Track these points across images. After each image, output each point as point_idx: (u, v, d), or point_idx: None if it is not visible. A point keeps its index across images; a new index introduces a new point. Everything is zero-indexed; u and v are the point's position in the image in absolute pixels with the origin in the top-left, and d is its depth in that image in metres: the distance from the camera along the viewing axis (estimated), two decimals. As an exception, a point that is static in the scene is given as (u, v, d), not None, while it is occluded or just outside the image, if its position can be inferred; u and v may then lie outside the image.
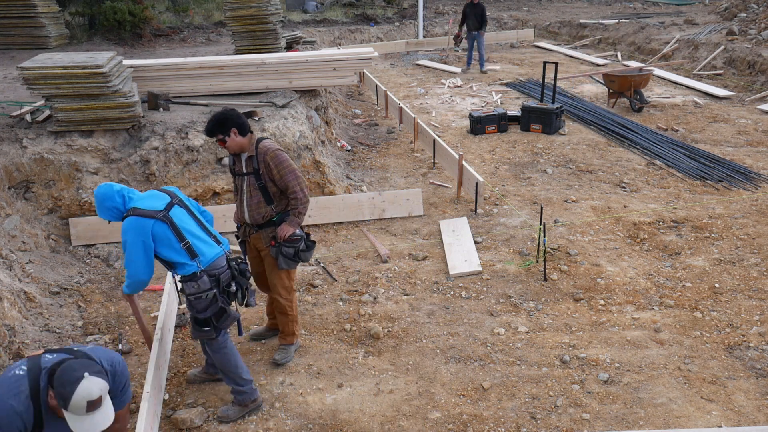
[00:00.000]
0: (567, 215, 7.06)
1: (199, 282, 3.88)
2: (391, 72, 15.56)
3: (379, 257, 6.29)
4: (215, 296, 3.93)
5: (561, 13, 22.79)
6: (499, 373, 4.57)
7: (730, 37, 14.60)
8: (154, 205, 3.85)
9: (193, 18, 16.77)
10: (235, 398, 4.17)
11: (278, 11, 9.92)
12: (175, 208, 3.92)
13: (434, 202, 7.57)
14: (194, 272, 3.87)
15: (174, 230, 3.83)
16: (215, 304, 3.95)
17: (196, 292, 3.89)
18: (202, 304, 3.92)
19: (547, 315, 5.28)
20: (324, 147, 8.25)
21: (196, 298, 3.90)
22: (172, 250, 3.84)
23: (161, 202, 3.89)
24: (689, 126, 10.12)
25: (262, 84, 8.03)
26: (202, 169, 6.84)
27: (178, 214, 3.92)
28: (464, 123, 10.62)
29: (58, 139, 6.52)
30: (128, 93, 6.56)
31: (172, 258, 3.87)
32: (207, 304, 3.92)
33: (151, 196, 3.94)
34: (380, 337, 5.01)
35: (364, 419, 4.15)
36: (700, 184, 7.83)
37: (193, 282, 3.88)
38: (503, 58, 16.52)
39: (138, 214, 3.78)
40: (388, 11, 21.74)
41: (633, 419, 4.08)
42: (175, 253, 3.85)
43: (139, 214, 3.78)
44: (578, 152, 9.05)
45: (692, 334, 4.95)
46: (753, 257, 6.06)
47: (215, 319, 3.97)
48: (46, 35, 12.00)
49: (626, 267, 5.97)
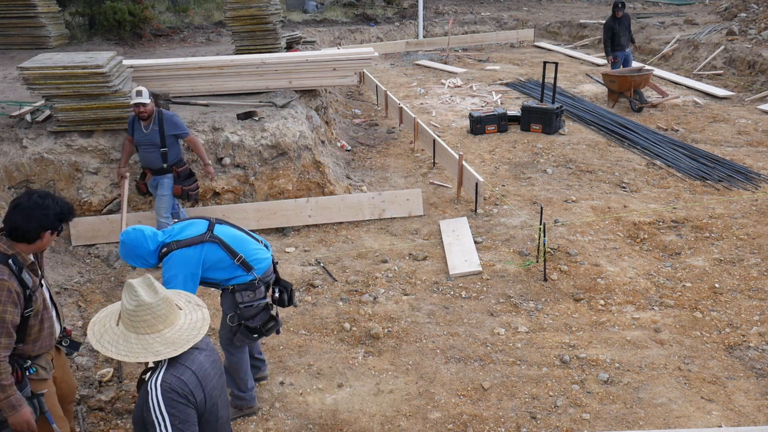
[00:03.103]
0: (567, 215, 7.06)
1: (257, 291, 3.84)
2: (391, 72, 15.55)
3: (379, 256, 6.29)
4: (267, 305, 3.91)
5: (561, 13, 22.78)
6: (499, 373, 4.57)
7: (730, 37, 14.59)
8: (196, 231, 3.71)
9: (193, 18, 16.76)
10: (233, 401, 4.18)
11: (278, 11, 9.91)
12: (218, 226, 3.81)
13: (434, 202, 7.57)
14: (252, 281, 3.81)
15: (225, 248, 3.72)
16: (265, 312, 3.92)
17: (251, 300, 3.83)
18: (251, 311, 3.87)
19: (547, 315, 5.28)
20: (324, 147, 8.25)
21: (247, 306, 3.85)
22: (226, 270, 3.76)
23: (201, 227, 3.76)
24: (689, 126, 10.11)
25: (262, 84, 8.03)
26: (202, 169, 6.83)
27: (223, 230, 3.81)
28: (464, 123, 10.62)
29: (58, 139, 6.52)
30: (128, 93, 6.55)
31: (225, 277, 3.80)
32: (257, 312, 3.89)
33: (188, 225, 3.79)
34: (380, 337, 5.01)
35: (364, 419, 4.15)
36: (700, 184, 7.83)
37: (250, 291, 3.82)
38: (503, 58, 16.51)
39: (183, 246, 3.62)
40: (388, 11, 21.73)
41: (633, 419, 4.08)
42: (229, 271, 3.78)
43: (183, 245, 3.62)
44: (578, 152, 9.05)
45: (692, 334, 4.95)
46: (753, 257, 6.06)
47: (263, 327, 3.95)
48: (46, 35, 11.99)
49: (626, 267, 5.97)
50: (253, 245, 3.89)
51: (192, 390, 2.30)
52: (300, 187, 7.23)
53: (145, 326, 2.30)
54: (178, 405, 2.26)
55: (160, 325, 2.32)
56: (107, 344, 2.31)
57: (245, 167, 6.98)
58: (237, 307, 3.87)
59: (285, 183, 7.14)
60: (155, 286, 2.34)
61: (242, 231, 3.96)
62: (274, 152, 7.08)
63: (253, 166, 6.99)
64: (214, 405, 2.41)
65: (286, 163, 7.12)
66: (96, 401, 4.28)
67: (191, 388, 2.30)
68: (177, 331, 2.35)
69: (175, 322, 2.36)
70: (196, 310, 2.48)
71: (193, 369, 2.35)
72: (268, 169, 7.06)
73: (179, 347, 2.31)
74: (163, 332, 2.32)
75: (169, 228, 3.79)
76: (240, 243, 3.82)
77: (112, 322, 2.37)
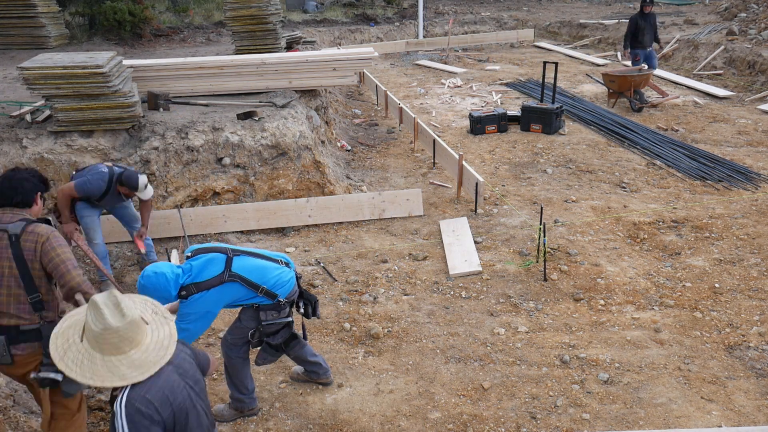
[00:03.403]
0: (567, 215, 7.06)
1: (281, 312, 3.81)
2: (391, 72, 15.55)
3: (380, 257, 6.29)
4: (290, 323, 3.88)
5: (561, 13, 22.78)
6: (499, 373, 4.57)
7: (730, 37, 14.59)
8: (215, 271, 3.60)
9: (193, 18, 16.77)
10: (233, 403, 4.18)
11: (278, 11, 9.91)
12: (235, 260, 3.68)
13: (434, 202, 7.57)
14: (278, 302, 3.78)
15: (245, 283, 3.64)
16: (287, 330, 3.90)
17: (273, 320, 3.81)
18: (273, 328, 3.85)
19: (547, 315, 5.28)
20: (324, 147, 8.25)
21: (270, 324, 3.82)
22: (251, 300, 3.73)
23: (219, 265, 3.63)
24: (689, 126, 10.11)
25: (262, 84, 8.03)
26: (202, 169, 6.84)
27: (241, 263, 3.68)
28: (464, 123, 10.62)
29: (58, 139, 6.52)
30: (128, 93, 6.56)
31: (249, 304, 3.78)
32: (278, 328, 3.87)
33: (207, 264, 3.63)
34: (380, 337, 5.01)
35: (364, 419, 4.15)
36: (700, 184, 7.83)
37: (274, 311, 3.79)
38: (503, 58, 16.51)
39: (203, 289, 3.55)
40: (388, 11, 21.73)
41: (633, 419, 4.08)
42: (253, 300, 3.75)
43: (203, 288, 3.54)
44: (578, 152, 9.05)
45: (692, 334, 4.95)
46: (753, 257, 6.06)
47: (285, 345, 3.93)
48: (46, 35, 12.00)
49: (626, 267, 5.97)
50: (273, 271, 3.77)
51: (158, 408, 2.25)
52: (300, 187, 7.23)
53: (111, 348, 2.24)
54: (140, 427, 2.21)
55: (127, 347, 2.26)
56: (71, 363, 2.24)
57: (245, 167, 6.98)
58: (260, 324, 3.83)
59: (285, 183, 7.14)
60: (121, 307, 2.25)
61: (260, 257, 3.82)
62: (274, 152, 7.08)
63: (253, 166, 6.99)
64: (187, 414, 2.35)
65: (286, 163, 7.12)
66: (96, 401, 4.28)
67: (156, 406, 2.25)
68: (144, 352, 2.29)
69: (142, 341, 2.30)
70: (163, 324, 2.41)
71: (159, 384, 2.29)
72: (268, 169, 7.06)
73: (146, 371, 2.26)
74: (129, 354, 2.26)
75: (187, 266, 3.65)
76: (260, 273, 3.71)
77: (76, 336, 2.29)
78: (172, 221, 6.55)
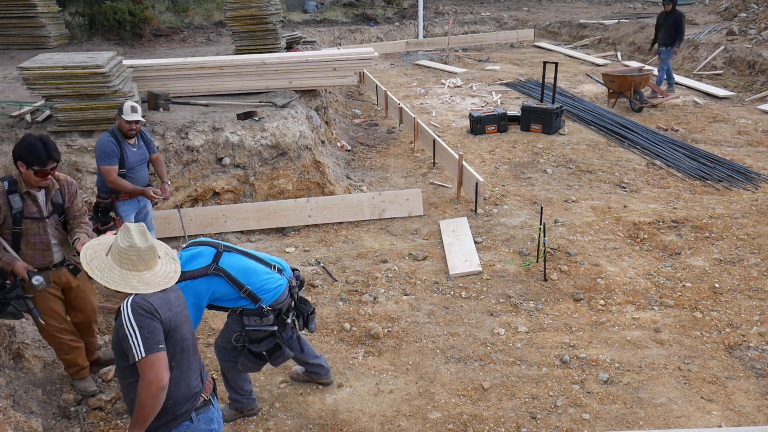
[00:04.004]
0: (567, 215, 7.06)
1: (264, 319, 3.75)
2: (391, 72, 15.55)
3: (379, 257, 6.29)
4: (274, 333, 3.80)
5: (561, 13, 22.78)
6: (499, 373, 4.57)
7: (730, 37, 14.60)
8: (202, 263, 3.63)
9: (193, 18, 16.77)
10: (232, 404, 4.18)
11: (278, 11, 9.92)
12: (224, 256, 3.69)
13: (434, 202, 7.57)
14: (260, 308, 3.73)
15: (230, 280, 3.63)
16: (271, 339, 3.82)
17: (257, 325, 3.75)
18: (257, 335, 3.79)
19: (547, 315, 5.28)
20: (324, 147, 8.25)
21: (254, 330, 3.77)
22: (233, 301, 3.71)
23: (207, 257, 3.66)
24: (689, 126, 10.12)
25: (262, 84, 8.03)
26: (202, 169, 6.84)
27: (229, 260, 3.69)
28: (464, 123, 10.62)
29: (58, 139, 6.51)
30: (128, 93, 6.55)
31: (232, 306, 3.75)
32: (263, 336, 3.80)
33: (196, 255, 3.68)
34: (380, 337, 5.01)
35: (364, 419, 4.15)
36: (700, 184, 7.83)
37: (257, 317, 3.74)
38: (503, 58, 16.52)
39: (188, 278, 3.56)
40: (388, 11, 21.74)
41: (633, 419, 4.08)
42: (235, 302, 3.72)
43: (189, 277, 3.56)
44: (578, 152, 9.05)
45: (692, 334, 4.95)
46: (753, 257, 6.06)
47: (269, 354, 3.84)
48: (46, 35, 12.00)
49: (626, 267, 5.97)
50: (262, 275, 3.74)
51: (157, 308, 2.70)
52: (300, 187, 7.23)
53: (129, 264, 2.72)
54: (144, 318, 2.65)
55: (142, 266, 2.74)
56: (95, 269, 2.73)
57: (245, 167, 6.98)
58: (243, 329, 3.80)
59: (285, 183, 7.14)
60: (147, 235, 2.78)
61: (252, 257, 3.81)
62: (274, 152, 7.08)
63: (253, 166, 6.99)
64: (179, 326, 2.81)
65: (286, 163, 7.12)
66: (96, 401, 4.29)
67: (156, 307, 2.70)
68: (153, 275, 2.77)
69: (153, 268, 2.79)
70: (171, 263, 2.91)
71: (159, 296, 2.76)
72: (268, 169, 7.06)
73: (151, 288, 2.73)
74: (142, 273, 2.74)
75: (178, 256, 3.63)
76: (247, 274, 3.70)
77: (102, 252, 2.79)
78: (172, 221, 6.54)
